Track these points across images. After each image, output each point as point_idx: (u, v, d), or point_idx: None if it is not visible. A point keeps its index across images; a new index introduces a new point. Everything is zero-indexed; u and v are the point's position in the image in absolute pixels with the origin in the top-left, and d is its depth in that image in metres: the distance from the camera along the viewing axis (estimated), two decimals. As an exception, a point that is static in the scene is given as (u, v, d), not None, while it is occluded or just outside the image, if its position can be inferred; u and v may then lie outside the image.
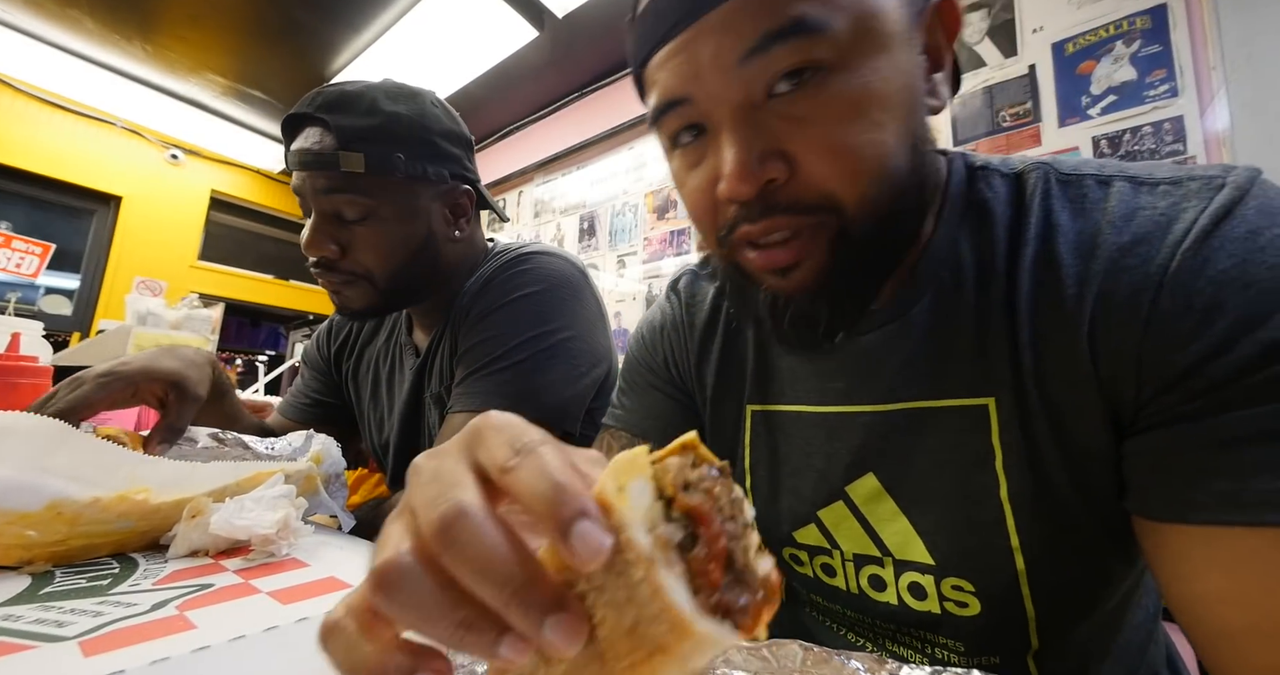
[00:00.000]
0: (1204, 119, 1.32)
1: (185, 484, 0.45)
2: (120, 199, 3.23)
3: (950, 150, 0.42)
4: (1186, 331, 0.29)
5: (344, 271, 0.67)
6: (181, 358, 0.64)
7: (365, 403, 0.87)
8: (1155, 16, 1.39)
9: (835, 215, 0.33)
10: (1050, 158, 0.39)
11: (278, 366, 2.51)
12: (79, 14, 2.51)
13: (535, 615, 0.15)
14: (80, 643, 0.27)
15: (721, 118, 0.34)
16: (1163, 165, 0.35)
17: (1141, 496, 0.32)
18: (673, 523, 0.15)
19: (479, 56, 2.56)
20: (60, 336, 2.94)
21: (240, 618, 0.31)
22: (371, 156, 0.63)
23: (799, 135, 0.32)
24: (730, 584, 0.15)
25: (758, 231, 0.34)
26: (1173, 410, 0.30)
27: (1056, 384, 0.34)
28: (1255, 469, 0.27)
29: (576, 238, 2.85)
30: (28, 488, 0.37)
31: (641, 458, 0.16)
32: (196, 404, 0.63)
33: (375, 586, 0.16)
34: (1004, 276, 0.36)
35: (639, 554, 0.14)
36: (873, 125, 0.32)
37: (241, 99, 3.15)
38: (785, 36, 0.31)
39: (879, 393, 0.41)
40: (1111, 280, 0.32)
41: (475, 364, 0.67)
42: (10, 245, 2.02)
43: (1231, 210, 0.30)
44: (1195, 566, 0.29)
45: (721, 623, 0.14)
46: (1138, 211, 0.32)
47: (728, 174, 0.33)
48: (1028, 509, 0.36)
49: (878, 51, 0.32)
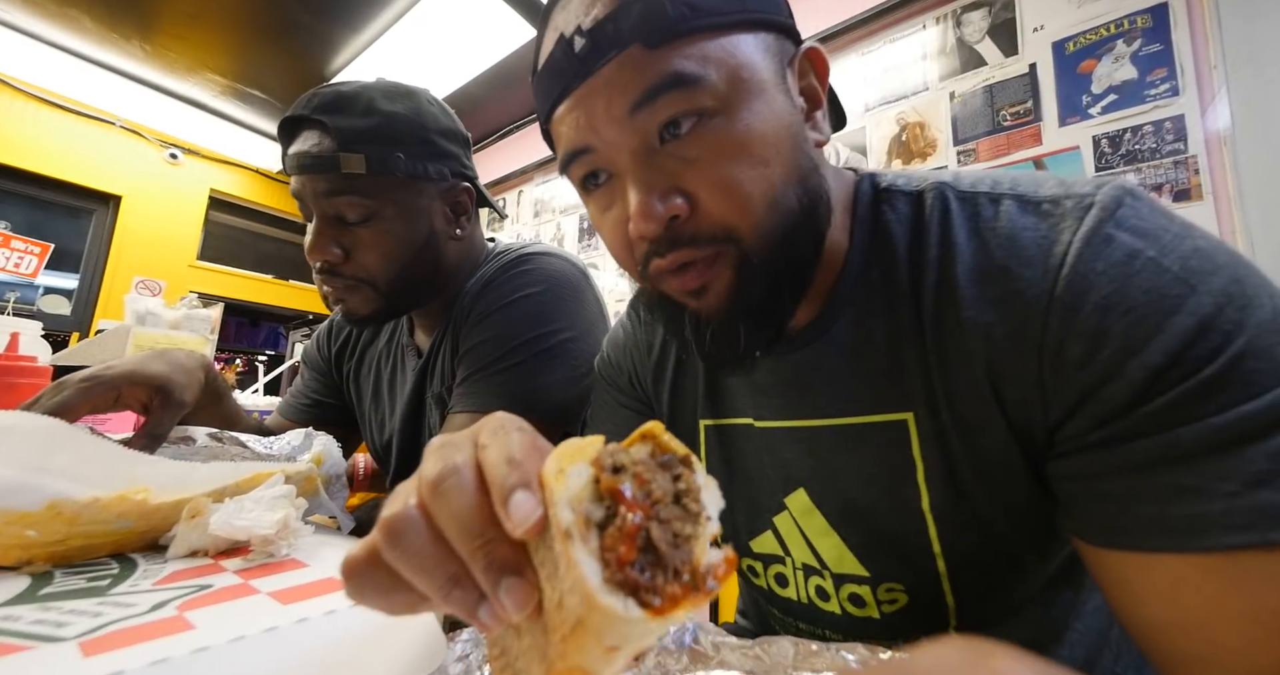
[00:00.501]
0: (1205, 118, 1.32)
1: (185, 484, 0.45)
2: (119, 198, 3.23)
3: (861, 171, 0.44)
4: (1077, 357, 0.30)
5: (348, 276, 0.66)
6: (171, 362, 0.63)
7: (366, 404, 0.87)
8: (1156, 15, 1.39)
9: (735, 245, 0.36)
10: (951, 174, 0.41)
11: (278, 366, 2.50)
12: (78, 13, 2.51)
13: (494, 574, 0.17)
14: (79, 643, 0.27)
15: (623, 164, 0.36)
16: (1050, 179, 0.36)
17: (1074, 520, 0.32)
18: (598, 502, 0.16)
19: (479, 56, 2.56)
20: (59, 336, 2.94)
21: (240, 618, 0.31)
22: (372, 157, 0.63)
23: (693, 174, 0.35)
24: (646, 564, 0.15)
25: (667, 264, 0.37)
26: (1086, 436, 0.30)
27: (965, 403, 0.35)
28: (1171, 495, 0.27)
29: (576, 237, 2.85)
30: (27, 488, 0.37)
31: (590, 445, 0.17)
32: (181, 410, 0.61)
33: (382, 534, 0.18)
34: (910, 298, 0.38)
35: (559, 528, 0.15)
36: (758, 162, 0.35)
37: (241, 98, 3.15)
38: (667, 89, 0.33)
39: (806, 409, 0.42)
40: (1003, 307, 0.33)
41: (476, 364, 0.67)
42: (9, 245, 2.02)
43: (1099, 231, 0.30)
44: (1138, 594, 0.29)
45: (626, 600, 0.15)
46: (1022, 232, 0.34)
47: (634, 214, 0.35)
48: (948, 519, 0.38)
49: (753, 97, 0.35)
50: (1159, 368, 0.27)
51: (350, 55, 2.66)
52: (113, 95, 3.06)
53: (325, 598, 0.34)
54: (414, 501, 0.18)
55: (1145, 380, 0.28)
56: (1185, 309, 0.27)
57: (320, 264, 0.66)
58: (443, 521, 0.18)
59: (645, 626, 0.15)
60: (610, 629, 0.15)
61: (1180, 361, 0.27)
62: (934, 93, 1.74)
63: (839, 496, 0.42)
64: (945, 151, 1.70)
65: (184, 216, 3.47)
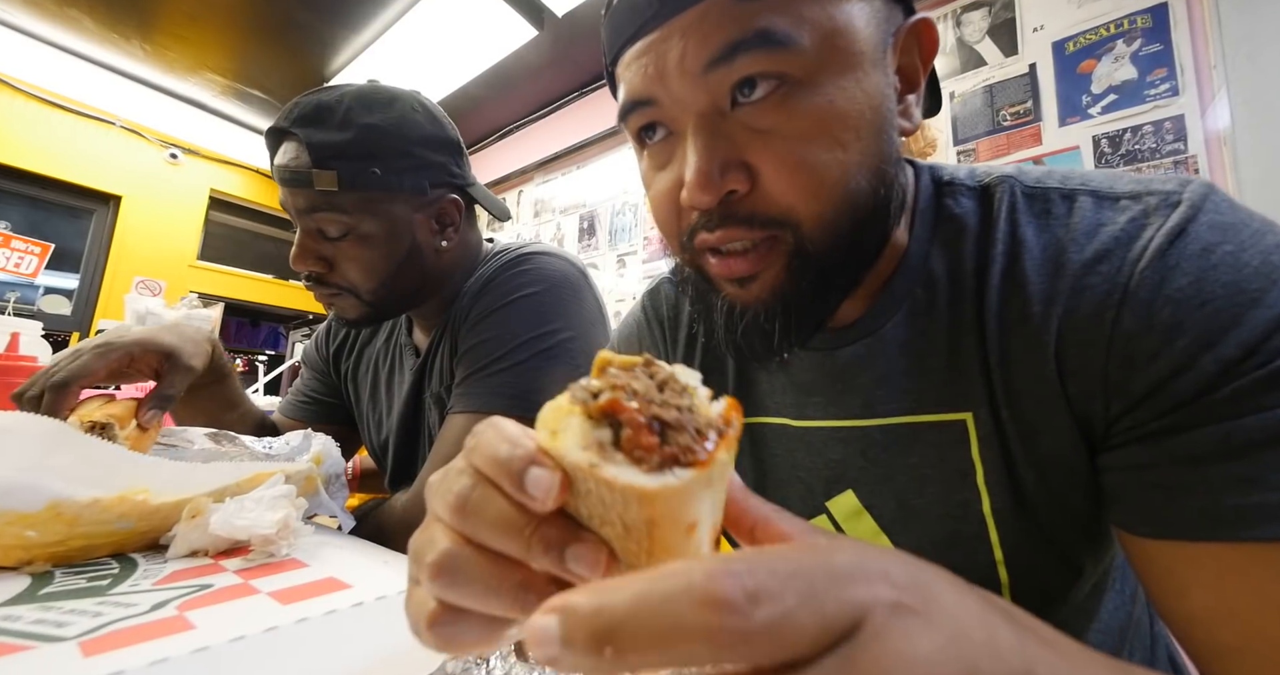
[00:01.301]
0: (1205, 118, 1.32)
1: (185, 484, 0.45)
2: (119, 198, 3.23)
3: (918, 163, 0.42)
4: (1149, 350, 0.29)
5: (331, 285, 0.68)
6: (180, 334, 0.65)
7: (364, 403, 0.87)
8: (1156, 15, 1.39)
9: (792, 232, 0.33)
10: (1015, 169, 0.39)
11: (278, 366, 2.50)
12: (78, 13, 2.51)
13: (555, 552, 0.17)
14: (80, 643, 0.27)
15: (686, 123, 0.33)
16: (1125, 177, 0.35)
17: (1122, 511, 0.32)
18: (601, 428, 0.16)
19: (479, 56, 2.56)
20: (59, 336, 2.93)
21: (240, 618, 0.31)
22: (344, 173, 0.63)
23: (762, 148, 0.32)
24: (670, 439, 0.16)
25: (714, 240, 0.34)
26: (1144, 427, 0.30)
27: (1027, 402, 0.34)
28: (1227, 485, 0.27)
29: (576, 237, 2.85)
30: (28, 488, 0.37)
31: (559, 400, 0.17)
32: (190, 374, 0.63)
33: (436, 579, 0.18)
34: (973, 293, 0.36)
35: (580, 468, 0.16)
36: (835, 144, 0.32)
37: (241, 98, 3.14)
38: (750, 47, 0.31)
39: (855, 408, 0.41)
40: (1075, 299, 0.32)
41: (476, 364, 0.67)
42: (9, 245, 2.02)
43: (1185, 228, 0.30)
44: (1183, 583, 0.29)
45: (672, 471, 0.15)
46: (1100, 228, 0.33)
47: (689, 182, 0.32)
48: (1010, 523, 0.36)
49: (845, 70, 0.32)
50: (1233, 360, 0.27)
51: (350, 55, 2.66)
52: (113, 95, 3.06)
53: (325, 598, 0.35)
54: (444, 536, 0.18)
55: (1217, 373, 0.27)
56: (1264, 302, 0.27)
57: (306, 272, 0.67)
58: (484, 536, 0.17)
59: (703, 483, 0.15)
60: (679, 507, 0.15)
61: (1255, 353, 0.27)
62: (934, 92, 1.74)
63: (892, 498, 0.40)
64: (945, 151, 1.70)
65: (184, 216, 3.47)
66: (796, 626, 0.12)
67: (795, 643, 0.12)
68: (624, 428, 0.16)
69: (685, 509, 0.16)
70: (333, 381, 0.92)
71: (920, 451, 0.38)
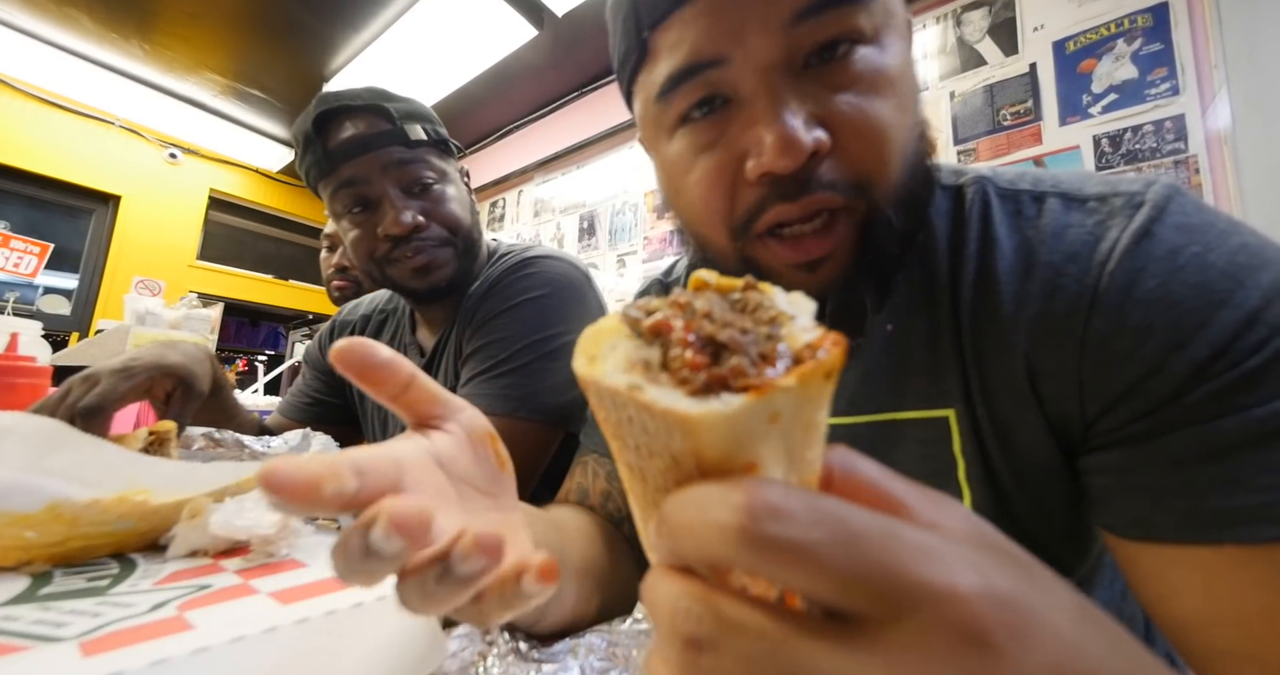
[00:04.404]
0: (1205, 117, 1.32)
1: (185, 485, 0.45)
2: (119, 198, 3.23)
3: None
4: (1122, 351, 0.29)
5: (431, 237, 0.70)
6: (185, 353, 0.65)
7: (370, 402, 0.87)
8: (1156, 14, 1.39)
9: (864, 197, 0.32)
10: (990, 170, 0.39)
11: (277, 366, 2.50)
12: (77, 13, 2.51)
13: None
14: (79, 643, 0.27)
15: (758, 84, 0.31)
16: (1094, 178, 0.35)
17: (1107, 514, 0.32)
18: (649, 347, 0.15)
19: (479, 55, 2.56)
20: (59, 336, 2.93)
21: (240, 618, 0.31)
22: (426, 129, 0.71)
23: (839, 106, 0.31)
24: (723, 361, 0.14)
25: (798, 211, 0.32)
26: (1124, 429, 0.30)
27: (1001, 399, 0.35)
28: (1208, 487, 0.27)
29: (576, 237, 2.85)
30: (27, 489, 0.37)
31: (606, 324, 0.16)
32: (199, 401, 0.64)
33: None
34: (948, 293, 0.37)
35: (619, 392, 0.14)
36: (901, 106, 0.32)
37: (240, 98, 3.14)
38: (840, 2, 0.30)
39: (842, 405, 0.41)
40: (1047, 302, 0.32)
41: (480, 366, 0.68)
42: (9, 245, 2.01)
43: (1150, 229, 0.30)
44: (1171, 588, 0.29)
45: (719, 396, 0.13)
46: (1067, 229, 0.33)
47: (771, 145, 0.30)
48: (990, 519, 0.36)
49: (897, 34, 0.32)
50: (1203, 361, 0.27)
51: (350, 55, 2.66)
52: (112, 95, 3.06)
53: (325, 598, 0.34)
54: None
55: (1189, 374, 0.27)
56: (1232, 303, 0.27)
57: (399, 234, 0.68)
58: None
59: (760, 416, 0.13)
60: (730, 441, 0.13)
61: (1225, 354, 0.26)
62: (934, 92, 1.74)
63: None
64: (945, 151, 1.70)
65: (184, 216, 3.47)
66: (815, 555, 0.12)
67: (817, 574, 0.12)
68: (672, 347, 0.14)
69: (740, 446, 0.13)
70: (336, 381, 0.92)
71: (905, 448, 0.39)
